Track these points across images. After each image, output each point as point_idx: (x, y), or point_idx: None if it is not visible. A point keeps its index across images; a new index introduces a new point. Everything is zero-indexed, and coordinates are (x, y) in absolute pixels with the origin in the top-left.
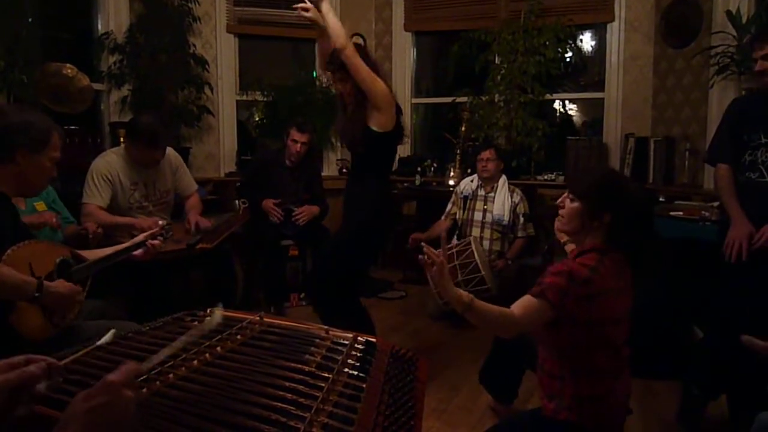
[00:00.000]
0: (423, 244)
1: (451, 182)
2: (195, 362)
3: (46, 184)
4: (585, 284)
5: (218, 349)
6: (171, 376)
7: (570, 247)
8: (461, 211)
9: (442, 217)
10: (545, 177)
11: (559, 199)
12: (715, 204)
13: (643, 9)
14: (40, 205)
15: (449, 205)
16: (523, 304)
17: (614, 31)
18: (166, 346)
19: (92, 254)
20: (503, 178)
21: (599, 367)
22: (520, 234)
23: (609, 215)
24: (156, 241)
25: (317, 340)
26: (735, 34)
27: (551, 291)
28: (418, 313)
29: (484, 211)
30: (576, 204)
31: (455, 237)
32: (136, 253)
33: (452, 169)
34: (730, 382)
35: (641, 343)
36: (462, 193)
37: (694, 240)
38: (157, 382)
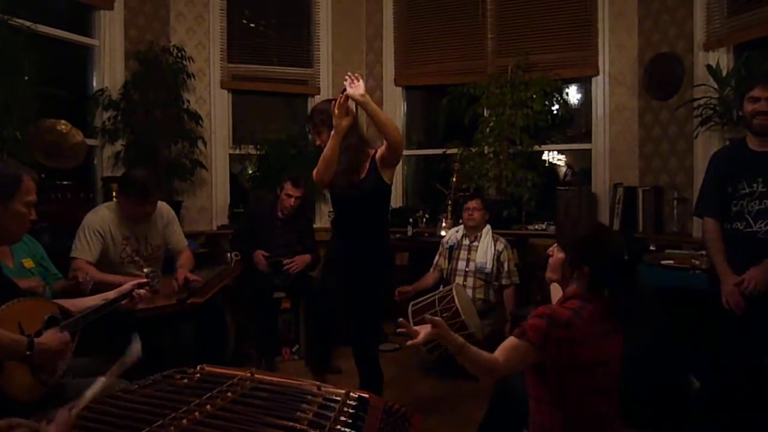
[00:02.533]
0: (401, 319)
1: (443, 233)
2: (185, 421)
3: (25, 230)
4: (566, 326)
5: (208, 407)
6: None
7: (555, 289)
8: (447, 262)
9: (431, 269)
10: (536, 227)
11: (550, 249)
12: (705, 252)
13: (626, 63)
14: (28, 262)
15: (437, 257)
16: (505, 346)
17: (599, 85)
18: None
19: (80, 303)
20: (487, 227)
21: (591, 415)
22: (504, 282)
23: (588, 268)
24: (142, 291)
25: (309, 397)
26: (716, 86)
27: (532, 331)
28: (412, 365)
29: (468, 260)
30: (561, 254)
31: (441, 287)
32: (123, 302)
33: (444, 220)
34: None
35: (636, 394)
36: (447, 243)
37: (686, 288)
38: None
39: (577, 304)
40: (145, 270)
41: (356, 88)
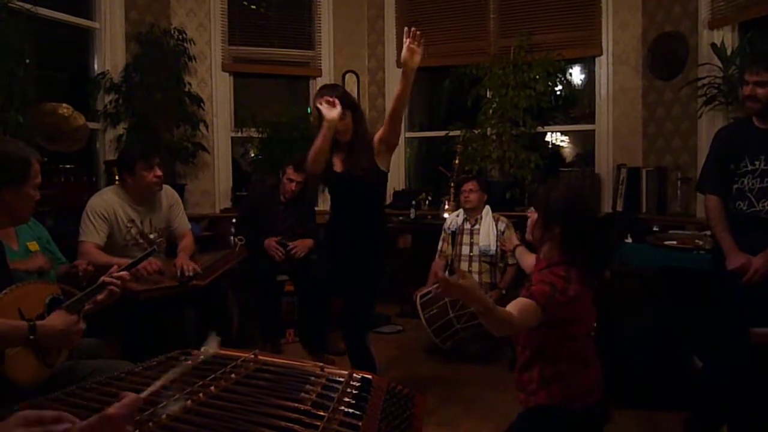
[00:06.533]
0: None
1: (446, 215)
2: (188, 402)
3: (33, 210)
4: (563, 292)
5: (212, 388)
6: (164, 417)
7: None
8: (450, 247)
9: (436, 257)
10: None
11: (529, 210)
12: (708, 233)
13: (630, 43)
14: (33, 245)
15: (440, 243)
16: (519, 306)
17: (603, 65)
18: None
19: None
20: (486, 208)
21: (564, 354)
22: (510, 261)
23: (559, 228)
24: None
25: (312, 378)
26: (721, 65)
27: (540, 296)
28: (415, 347)
29: (471, 244)
30: (536, 215)
31: (446, 273)
32: (99, 298)
33: (447, 202)
34: (731, 413)
35: (640, 373)
36: (449, 228)
37: (689, 269)
38: (150, 424)
39: (563, 269)
40: (151, 236)
41: (332, 112)
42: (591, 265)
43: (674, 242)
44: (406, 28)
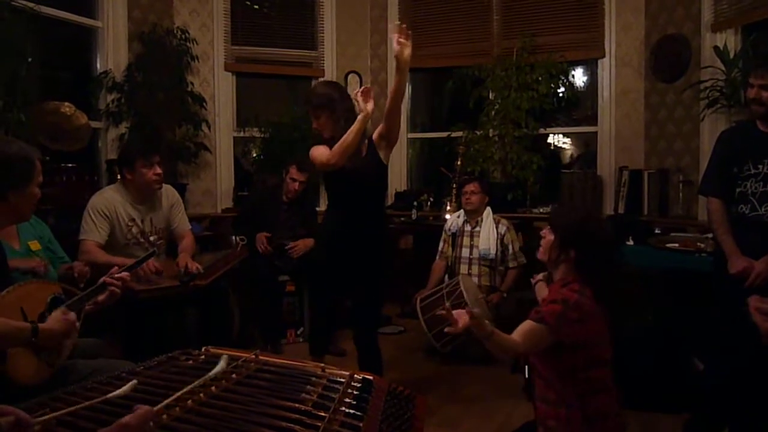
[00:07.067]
0: (446, 305)
1: (447, 216)
2: (189, 402)
3: (35, 208)
4: (576, 307)
5: (213, 388)
6: (165, 417)
7: (540, 288)
8: (451, 249)
9: (437, 257)
10: (541, 210)
11: (543, 230)
12: (710, 235)
13: (633, 45)
14: (35, 244)
15: (441, 244)
16: (524, 329)
17: (605, 67)
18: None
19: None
20: (488, 210)
21: (596, 384)
22: (511, 264)
23: (574, 251)
24: (117, 284)
25: (313, 378)
26: (723, 68)
27: (550, 316)
28: (415, 348)
29: (471, 247)
30: (551, 236)
31: (446, 276)
32: (100, 298)
33: (448, 204)
34: (732, 415)
35: (640, 375)
36: (450, 229)
37: (691, 271)
38: (151, 423)
39: (577, 286)
40: (151, 238)
41: (369, 104)
42: (604, 287)
43: (676, 245)
44: (391, 26)
